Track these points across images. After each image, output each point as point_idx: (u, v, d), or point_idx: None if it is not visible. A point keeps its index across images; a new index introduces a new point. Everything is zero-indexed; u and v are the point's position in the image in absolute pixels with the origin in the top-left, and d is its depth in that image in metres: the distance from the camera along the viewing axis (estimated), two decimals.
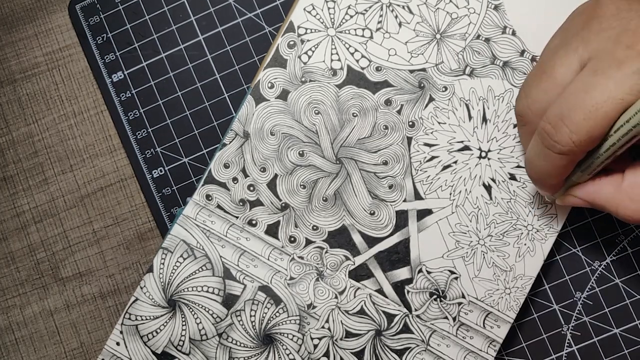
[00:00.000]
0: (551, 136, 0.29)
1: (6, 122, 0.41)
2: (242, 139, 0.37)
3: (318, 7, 0.37)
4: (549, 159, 0.30)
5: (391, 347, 0.36)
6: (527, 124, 0.32)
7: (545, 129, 0.29)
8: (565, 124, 0.28)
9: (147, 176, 0.40)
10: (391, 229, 0.36)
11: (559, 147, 0.29)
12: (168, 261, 0.36)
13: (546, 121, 0.29)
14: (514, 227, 0.36)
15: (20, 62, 0.41)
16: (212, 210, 0.37)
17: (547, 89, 0.30)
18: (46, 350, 0.40)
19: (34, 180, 0.41)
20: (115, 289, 0.40)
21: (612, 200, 0.31)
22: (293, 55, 0.37)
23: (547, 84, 0.30)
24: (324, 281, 0.36)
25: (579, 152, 0.29)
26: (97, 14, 0.41)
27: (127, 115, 0.40)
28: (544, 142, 0.30)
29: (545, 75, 0.31)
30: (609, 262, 0.39)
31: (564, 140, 0.29)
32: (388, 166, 0.37)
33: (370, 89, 0.37)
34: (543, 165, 0.31)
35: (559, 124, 0.29)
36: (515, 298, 0.36)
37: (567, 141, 0.29)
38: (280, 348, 0.36)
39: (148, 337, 0.36)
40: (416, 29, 0.37)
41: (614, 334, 0.38)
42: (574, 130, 0.28)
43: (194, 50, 0.40)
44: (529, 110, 0.31)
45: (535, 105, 0.31)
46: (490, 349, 0.36)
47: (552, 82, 0.30)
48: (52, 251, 0.41)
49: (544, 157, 0.30)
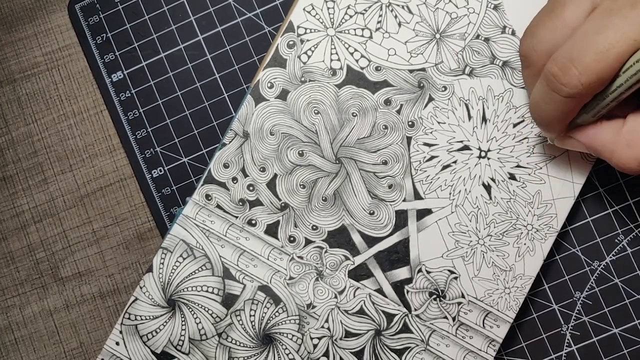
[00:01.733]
0: (558, 79, 0.28)
1: (6, 122, 0.41)
2: (241, 138, 0.37)
3: (317, 7, 0.37)
4: (555, 102, 0.29)
5: (391, 347, 0.36)
6: (530, 65, 0.31)
7: (552, 72, 0.28)
8: (575, 65, 0.27)
9: (146, 176, 0.40)
10: (391, 229, 0.36)
11: (566, 90, 0.28)
12: (168, 261, 0.36)
13: (553, 63, 0.28)
14: (514, 227, 0.36)
15: (19, 61, 0.41)
16: (211, 210, 0.37)
17: (555, 28, 0.29)
18: (46, 350, 0.40)
19: (34, 180, 0.41)
20: (115, 288, 0.40)
21: (608, 145, 0.30)
22: (293, 55, 0.37)
23: (555, 23, 0.29)
24: (323, 281, 0.36)
25: (586, 94, 0.28)
26: (97, 13, 0.41)
27: (127, 115, 0.40)
28: (550, 85, 0.29)
29: (553, 15, 0.29)
30: (609, 262, 0.39)
31: (572, 83, 0.28)
32: (387, 166, 0.37)
33: (370, 88, 0.37)
34: (548, 108, 0.30)
35: (568, 66, 0.28)
36: (514, 298, 0.36)
37: (576, 84, 0.28)
38: (279, 348, 0.36)
39: (148, 337, 0.36)
40: (416, 28, 0.37)
41: (613, 333, 0.38)
42: (583, 72, 0.27)
43: (194, 50, 0.40)
44: (533, 51, 0.30)
45: (540, 45, 0.30)
46: (490, 348, 0.36)
47: (561, 22, 0.29)
48: (51, 251, 0.41)
49: (550, 100, 0.29)
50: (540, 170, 0.36)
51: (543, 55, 0.30)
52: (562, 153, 0.36)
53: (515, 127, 0.36)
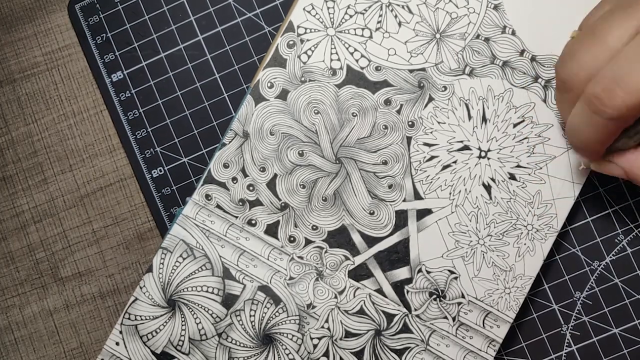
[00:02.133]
0: (601, 100, 0.28)
1: (5, 121, 0.41)
2: (241, 138, 0.37)
3: (317, 7, 0.37)
4: (596, 126, 0.29)
5: (391, 347, 0.36)
6: (570, 90, 0.31)
7: (595, 93, 0.28)
8: (620, 86, 0.27)
9: (146, 176, 0.40)
10: (391, 229, 0.36)
11: (609, 112, 0.28)
12: (167, 261, 0.36)
13: (597, 85, 0.28)
14: (514, 227, 0.36)
15: (19, 61, 0.41)
16: (211, 210, 0.37)
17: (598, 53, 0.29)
18: (45, 350, 0.40)
19: (34, 180, 0.41)
20: (115, 288, 0.40)
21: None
22: (292, 55, 0.37)
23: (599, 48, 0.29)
24: (323, 281, 0.36)
25: (630, 117, 0.28)
26: (97, 13, 0.41)
27: (127, 115, 0.40)
28: (592, 107, 0.29)
29: (597, 40, 0.29)
30: (609, 261, 0.39)
31: (616, 105, 0.28)
32: (387, 166, 0.37)
33: (370, 88, 0.37)
34: (589, 131, 0.30)
35: (612, 87, 0.28)
36: (514, 298, 0.36)
37: (620, 105, 0.27)
38: (279, 348, 0.36)
39: (147, 337, 0.36)
40: (416, 28, 0.37)
41: (613, 333, 0.38)
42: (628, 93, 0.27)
43: (194, 50, 0.40)
44: (574, 76, 0.30)
45: (583, 71, 0.30)
46: (490, 348, 0.36)
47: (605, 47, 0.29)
48: (51, 251, 0.41)
49: (591, 123, 0.29)
50: (540, 170, 0.36)
51: (584, 80, 0.30)
52: (562, 153, 0.36)
53: (516, 127, 0.36)
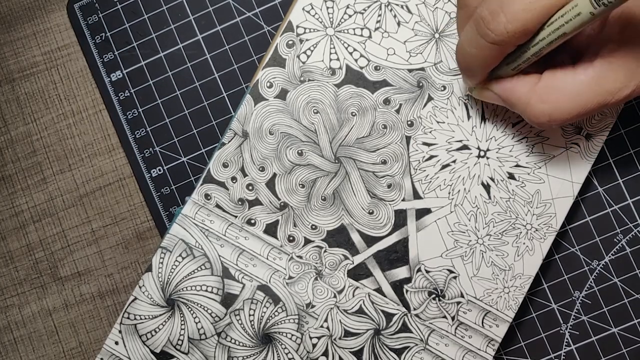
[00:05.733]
0: (487, 24, 0.29)
1: (5, 121, 0.41)
2: (241, 138, 0.37)
3: (317, 7, 0.37)
4: (480, 48, 0.30)
5: (390, 346, 0.36)
6: (464, 7, 0.32)
7: (482, 16, 0.29)
8: (504, 12, 0.28)
9: (145, 175, 0.40)
10: (390, 228, 0.36)
11: (492, 35, 0.29)
12: (167, 260, 0.36)
13: (484, 7, 0.29)
14: (513, 227, 0.36)
15: (18, 61, 0.41)
16: (210, 209, 0.37)
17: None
18: (45, 350, 0.40)
19: (33, 180, 0.41)
20: (114, 288, 0.40)
21: (523, 98, 0.31)
22: (292, 54, 0.37)
23: None
24: (322, 280, 0.36)
25: (510, 43, 0.29)
26: (96, 13, 0.41)
27: (126, 114, 0.40)
28: (478, 29, 0.29)
29: None
30: (608, 261, 0.39)
31: (499, 30, 0.28)
32: (387, 165, 0.37)
33: (369, 88, 0.37)
34: (473, 52, 0.30)
35: (497, 12, 0.28)
36: (514, 297, 0.36)
37: (502, 30, 0.28)
38: (279, 347, 0.36)
39: (147, 337, 0.36)
40: (415, 28, 0.37)
41: (612, 333, 0.39)
42: (511, 20, 0.28)
43: (193, 50, 0.40)
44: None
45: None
46: (489, 348, 0.36)
47: None
48: (50, 250, 0.41)
49: (476, 44, 0.30)
50: (539, 169, 0.36)
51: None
52: (561, 153, 0.36)
53: (515, 127, 0.36)
